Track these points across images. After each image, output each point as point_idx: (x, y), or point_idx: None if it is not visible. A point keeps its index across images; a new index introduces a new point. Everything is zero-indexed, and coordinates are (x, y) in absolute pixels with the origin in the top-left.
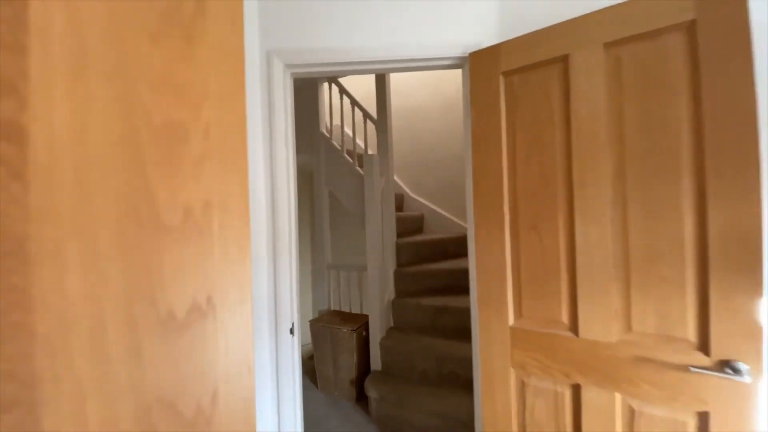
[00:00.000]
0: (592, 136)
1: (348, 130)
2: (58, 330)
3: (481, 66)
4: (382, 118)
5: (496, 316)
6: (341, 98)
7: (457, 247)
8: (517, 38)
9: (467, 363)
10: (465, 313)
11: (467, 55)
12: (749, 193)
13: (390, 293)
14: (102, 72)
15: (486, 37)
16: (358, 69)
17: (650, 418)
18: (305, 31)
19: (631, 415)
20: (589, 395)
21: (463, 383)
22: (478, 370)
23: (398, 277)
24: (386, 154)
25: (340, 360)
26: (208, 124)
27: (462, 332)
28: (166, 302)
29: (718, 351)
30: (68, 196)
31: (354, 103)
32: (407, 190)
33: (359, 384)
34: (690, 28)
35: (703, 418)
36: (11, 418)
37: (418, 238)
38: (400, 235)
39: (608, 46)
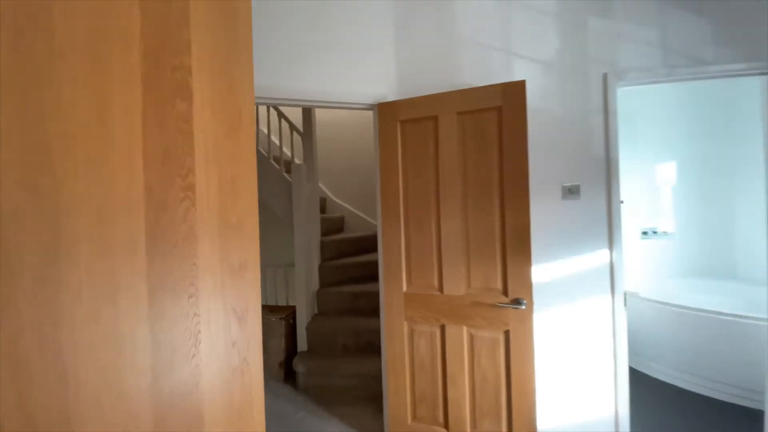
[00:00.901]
0: (450, 167)
1: (275, 139)
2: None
3: (385, 113)
4: (307, 131)
5: (394, 286)
6: (268, 110)
7: (373, 242)
8: (409, 99)
9: (378, 333)
10: (378, 296)
11: (376, 103)
12: (523, 207)
13: (315, 284)
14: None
15: (390, 92)
16: (290, 103)
17: (481, 339)
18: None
19: (471, 339)
20: (449, 330)
21: (376, 349)
22: (383, 326)
23: (322, 270)
24: (312, 162)
25: (269, 346)
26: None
27: (375, 310)
28: (232, 261)
29: (512, 293)
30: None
31: (281, 115)
32: (330, 194)
33: (287, 365)
34: (499, 109)
35: (507, 334)
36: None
37: (340, 236)
38: (324, 234)
39: (459, 113)
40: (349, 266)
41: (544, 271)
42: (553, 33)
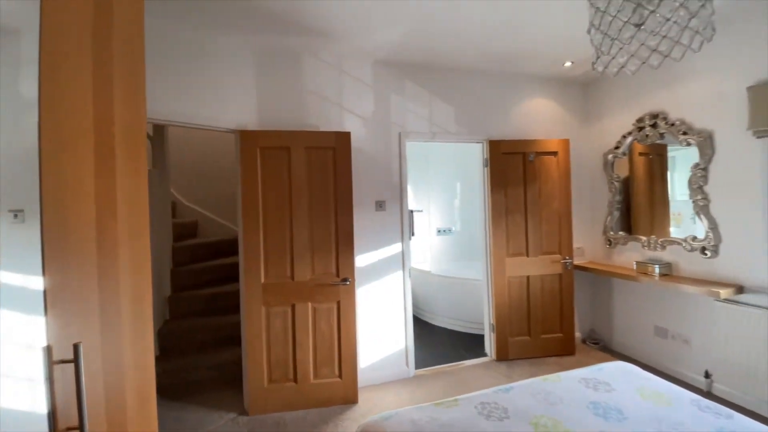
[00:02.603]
0: (300, 186)
1: None
2: None
3: (247, 139)
4: (158, 135)
5: (254, 278)
6: None
7: (230, 246)
8: (268, 131)
9: (238, 326)
10: (237, 295)
11: (238, 130)
12: (349, 216)
13: (166, 290)
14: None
15: (250, 122)
16: (172, 123)
17: (321, 310)
18: None
19: (314, 311)
20: (298, 308)
21: (237, 341)
22: (243, 313)
23: (175, 275)
24: (164, 168)
25: None
26: None
27: (235, 308)
28: None
29: (342, 275)
30: None
31: None
32: (181, 198)
33: None
34: (334, 149)
35: (338, 304)
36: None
37: (193, 241)
38: (177, 239)
39: (306, 147)
40: (205, 270)
41: (364, 259)
42: (370, 99)
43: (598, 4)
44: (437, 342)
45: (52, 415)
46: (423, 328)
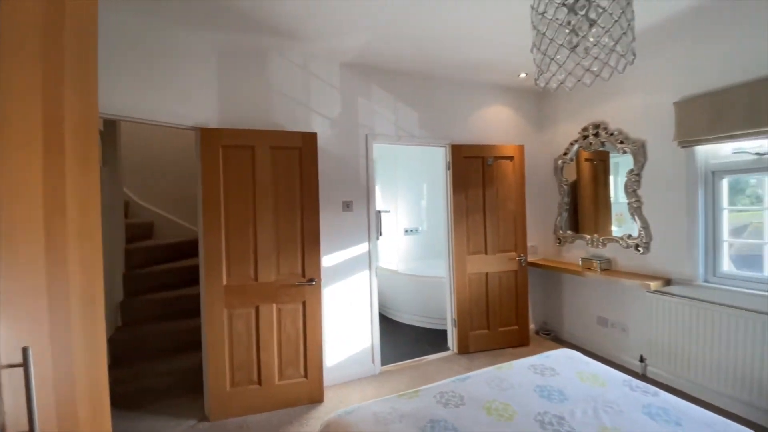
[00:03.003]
0: (265, 186)
1: None
2: None
3: (208, 138)
4: (110, 131)
5: (216, 280)
6: None
7: (189, 247)
8: (231, 129)
9: (199, 330)
10: (198, 298)
11: (199, 127)
12: (315, 216)
13: (118, 295)
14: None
15: (212, 118)
16: (130, 120)
17: (287, 310)
18: None
19: (279, 312)
20: (262, 309)
21: (197, 346)
22: (204, 317)
23: (129, 279)
24: (115, 165)
25: None
26: None
27: (196, 312)
28: None
29: (308, 275)
30: None
31: None
32: (135, 198)
33: None
34: (300, 149)
35: (304, 304)
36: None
37: (149, 242)
38: (130, 240)
39: (272, 147)
40: (162, 273)
41: (331, 259)
42: (337, 101)
43: (539, 27)
44: (403, 338)
45: (1, 423)
46: (389, 325)
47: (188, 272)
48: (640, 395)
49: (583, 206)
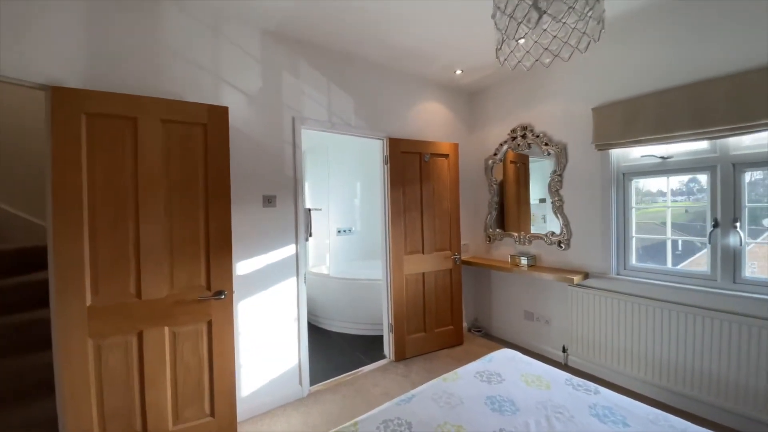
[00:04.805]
0: (152, 171)
1: None
2: None
3: (64, 100)
4: None
5: (74, 300)
6: None
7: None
8: (101, 92)
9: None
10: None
11: (50, 85)
12: (226, 212)
13: None
14: None
15: (73, 76)
16: None
17: (184, 334)
18: None
19: (173, 337)
20: (148, 335)
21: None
22: (57, 352)
23: None
24: None
25: None
26: None
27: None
28: None
29: (215, 287)
30: None
31: None
32: None
33: None
34: (205, 126)
35: (210, 324)
36: None
37: None
38: None
39: (165, 121)
40: (8, 289)
41: (248, 265)
42: (256, 74)
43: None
44: (335, 350)
45: None
46: (319, 335)
47: (46, 288)
48: (583, 394)
49: (509, 206)
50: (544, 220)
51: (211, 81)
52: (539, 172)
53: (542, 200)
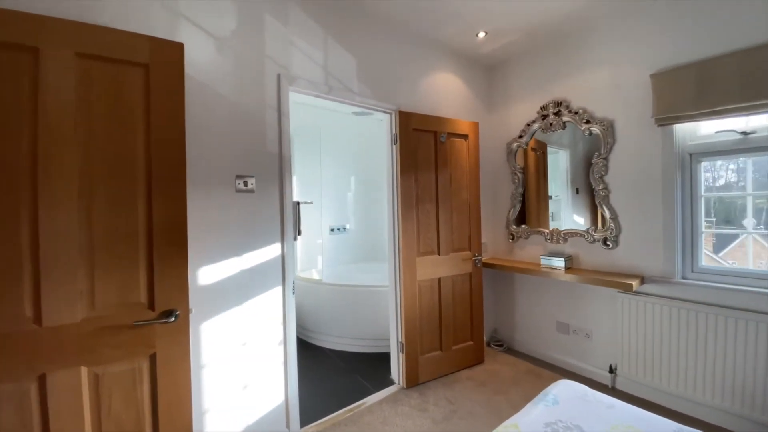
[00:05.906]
0: (61, 130)
1: None
2: None
3: None
4: None
5: None
6: None
7: None
8: None
9: None
10: None
11: None
12: (178, 197)
13: None
14: None
15: None
16: None
17: (113, 376)
18: None
19: (96, 381)
20: (54, 380)
21: None
22: None
23: None
24: None
25: None
26: None
27: None
28: None
29: (161, 305)
30: None
31: None
32: None
33: None
34: (146, 68)
35: (153, 358)
36: None
37: None
38: None
39: (84, 56)
40: None
41: (216, 271)
42: (231, 12)
43: None
44: (331, 374)
45: None
46: (311, 354)
47: None
48: None
49: (534, 199)
50: (554, 217)
51: (163, 12)
52: (571, 160)
53: (577, 191)
